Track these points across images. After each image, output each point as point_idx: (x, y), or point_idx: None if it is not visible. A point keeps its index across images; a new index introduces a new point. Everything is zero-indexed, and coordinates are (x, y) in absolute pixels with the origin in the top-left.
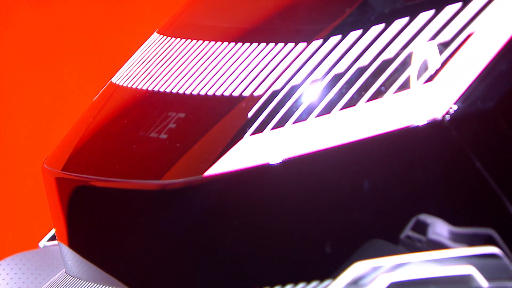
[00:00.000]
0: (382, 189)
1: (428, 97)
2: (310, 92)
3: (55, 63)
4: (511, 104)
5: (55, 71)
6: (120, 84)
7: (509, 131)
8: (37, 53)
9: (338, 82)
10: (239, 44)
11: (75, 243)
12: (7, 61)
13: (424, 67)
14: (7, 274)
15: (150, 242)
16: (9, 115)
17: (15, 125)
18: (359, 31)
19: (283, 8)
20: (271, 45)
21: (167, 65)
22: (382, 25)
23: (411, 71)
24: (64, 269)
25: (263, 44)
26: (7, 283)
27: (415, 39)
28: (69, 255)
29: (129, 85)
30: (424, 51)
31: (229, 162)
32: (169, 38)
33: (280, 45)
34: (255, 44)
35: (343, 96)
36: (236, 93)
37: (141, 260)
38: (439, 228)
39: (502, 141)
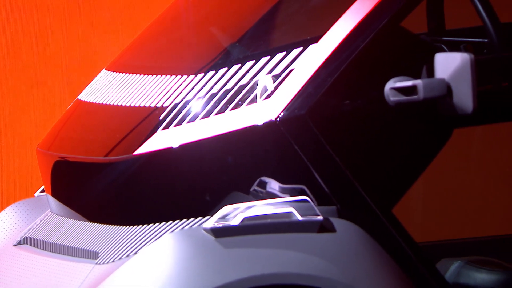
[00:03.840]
0: (239, 161)
1: (267, 108)
2: (197, 104)
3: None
4: (313, 111)
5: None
6: (84, 100)
7: (313, 127)
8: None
9: (213, 99)
10: (154, 75)
11: (56, 194)
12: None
13: (264, 90)
14: (16, 212)
15: (99, 194)
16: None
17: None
18: (226, 68)
19: (182, 55)
20: (173, 76)
21: (112, 88)
22: (239, 65)
23: (257, 92)
24: (49, 210)
25: (168, 76)
26: (16, 218)
27: (259, 73)
28: (52, 201)
29: (90, 100)
30: (265, 80)
31: (149, 146)
32: (113, 72)
33: (179, 76)
34: (163, 75)
35: (216, 107)
36: (152, 105)
37: (93, 203)
38: (273, 185)
39: (309, 133)
